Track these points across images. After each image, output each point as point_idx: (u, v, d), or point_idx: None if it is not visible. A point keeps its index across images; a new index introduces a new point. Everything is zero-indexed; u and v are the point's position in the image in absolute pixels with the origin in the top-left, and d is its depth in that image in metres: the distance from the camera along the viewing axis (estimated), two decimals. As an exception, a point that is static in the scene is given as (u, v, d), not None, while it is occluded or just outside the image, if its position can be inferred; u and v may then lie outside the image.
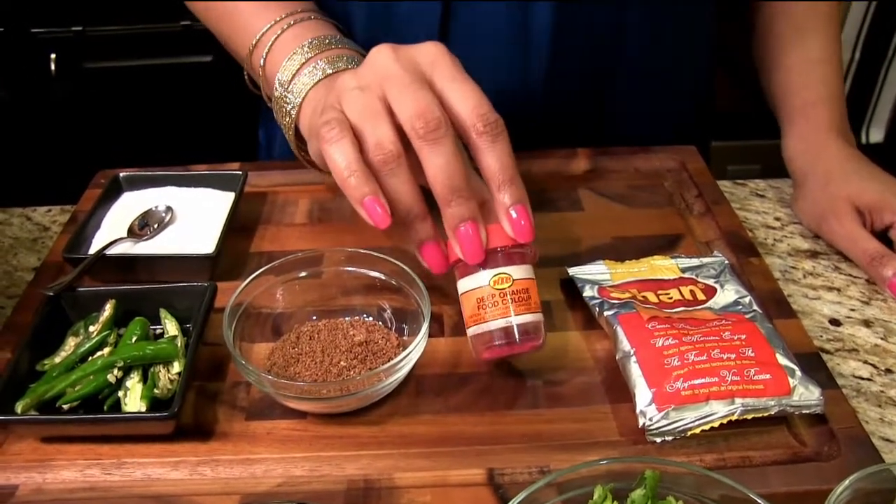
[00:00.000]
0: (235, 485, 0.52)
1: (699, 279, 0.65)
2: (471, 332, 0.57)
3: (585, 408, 0.57)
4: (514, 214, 0.56)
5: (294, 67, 0.68)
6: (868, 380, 0.62)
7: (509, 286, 0.55)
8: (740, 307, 0.62)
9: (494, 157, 0.55)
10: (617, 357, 0.58)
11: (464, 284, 0.57)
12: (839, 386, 0.58)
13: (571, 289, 0.66)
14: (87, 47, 1.61)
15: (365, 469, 0.53)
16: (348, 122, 0.57)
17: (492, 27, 0.78)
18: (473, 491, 0.51)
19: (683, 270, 0.66)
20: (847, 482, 0.46)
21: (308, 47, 0.69)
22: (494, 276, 0.55)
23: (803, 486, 0.51)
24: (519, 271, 0.56)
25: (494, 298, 0.55)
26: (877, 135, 1.89)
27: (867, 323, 0.67)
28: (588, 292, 0.64)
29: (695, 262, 0.67)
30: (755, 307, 0.62)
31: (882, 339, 0.66)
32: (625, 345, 0.57)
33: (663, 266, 0.66)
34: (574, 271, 0.66)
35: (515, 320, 0.56)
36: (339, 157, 0.55)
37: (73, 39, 1.60)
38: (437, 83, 0.57)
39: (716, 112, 1.00)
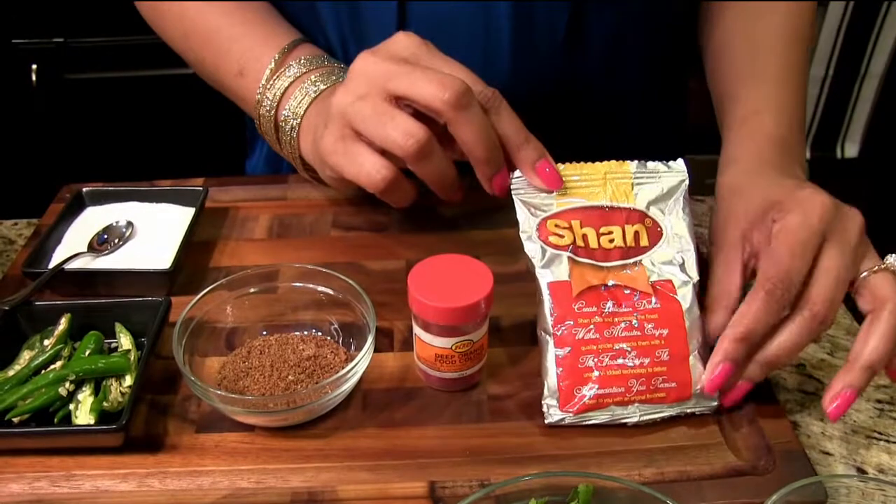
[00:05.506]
0: (182, 497, 0.53)
1: (649, 211, 0.61)
2: (420, 363, 0.60)
3: (528, 422, 0.58)
4: (540, 166, 0.60)
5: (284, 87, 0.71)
6: (812, 394, 0.63)
7: (468, 349, 0.58)
8: (676, 269, 0.59)
9: (506, 122, 0.60)
10: (538, 326, 0.59)
11: (426, 337, 0.58)
12: (779, 401, 0.59)
13: (521, 300, 0.66)
14: (69, 58, 1.62)
15: (309, 481, 0.54)
16: (360, 137, 0.60)
17: (451, 28, 0.77)
18: (414, 504, 0.52)
19: (636, 184, 0.61)
20: (775, 497, 0.47)
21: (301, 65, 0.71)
22: (457, 342, 0.58)
23: (739, 500, 0.52)
24: (478, 333, 0.58)
25: (452, 358, 0.58)
26: (851, 150, 1.90)
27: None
28: (525, 222, 0.60)
29: (652, 177, 0.62)
30: (689, 270, 0.59)
31: (829, 353, 0.67)
32: (547, 322, 0.57)
33: (617, 177, 0.61)
34: (518, 184, 0.61)
35: (464, 374, 0.59)
36: (372, 170, 0.59)
37: (55, 50, 1.60)
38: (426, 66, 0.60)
39: (689, 127, 1.01)
